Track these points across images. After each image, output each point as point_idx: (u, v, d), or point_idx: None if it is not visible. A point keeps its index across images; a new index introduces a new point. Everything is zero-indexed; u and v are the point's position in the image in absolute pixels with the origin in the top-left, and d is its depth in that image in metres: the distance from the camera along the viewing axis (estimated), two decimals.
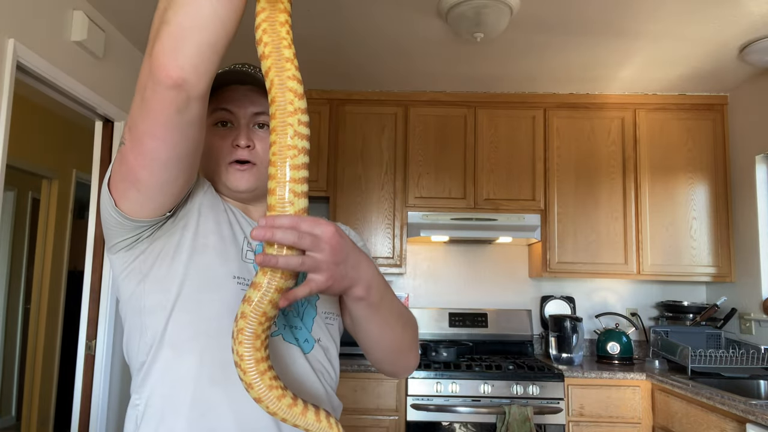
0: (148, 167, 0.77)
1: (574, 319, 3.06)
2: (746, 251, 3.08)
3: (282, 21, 0.69)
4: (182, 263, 0.89)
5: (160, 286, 0.88)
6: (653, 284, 3.46)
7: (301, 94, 0.68)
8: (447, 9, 2.33)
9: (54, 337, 4.45)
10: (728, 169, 3.23)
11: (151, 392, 0.86)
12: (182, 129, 0.74)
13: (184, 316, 0.87)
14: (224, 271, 0.89)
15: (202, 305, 0.88)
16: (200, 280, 0.89)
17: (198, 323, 0.87)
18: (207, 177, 1.00)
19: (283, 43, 0.68)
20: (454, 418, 2.70)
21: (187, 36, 0.68)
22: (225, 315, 0.87)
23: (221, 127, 0.98)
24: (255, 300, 0.69)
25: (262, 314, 0.69)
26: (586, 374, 2.78)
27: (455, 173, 3.25)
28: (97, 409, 2.58)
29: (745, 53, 2.70)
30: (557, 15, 2.43)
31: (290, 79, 0.67)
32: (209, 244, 0.90)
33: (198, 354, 0.86)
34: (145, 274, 0.89)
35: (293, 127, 0.68)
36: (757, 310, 2.97)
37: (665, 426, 2.62)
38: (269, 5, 0.70)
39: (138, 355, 0.90)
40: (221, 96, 0.99)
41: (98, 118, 2.66)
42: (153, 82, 0.69)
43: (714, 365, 2.63)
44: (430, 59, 2.92)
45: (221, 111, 0.98)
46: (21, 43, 1.95)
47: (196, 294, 0.88)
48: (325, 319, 0.99)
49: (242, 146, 0.96)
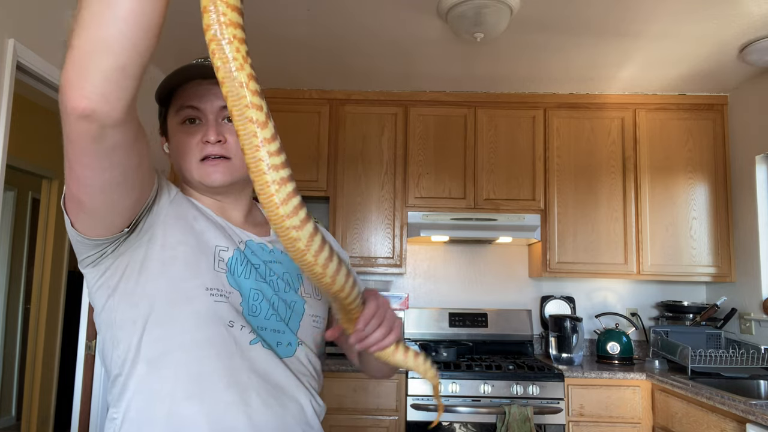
0: (86, 193, 0.75)
1: (574, 319, 3.06)
2: (746, 251, 3.08)
3: (229, 38, 0.56)
4: (151, 278, 0.86)
5: (129, 301, 0.87)
6: (653, 284, 3.46)
7: (263, 122, 0.58)
8: (447, 9, 2.33)
9: (54, 337, 4.45)
10: (728, 169, 3.23)
11: (127, 406, 0.86)
12: (107, 156, 0.70)
13: (156, 331, 0.86)
14: (196, 283, 0.87)
15: (175, 319, 0.86)
16: (171, 294, 0.86)
17: (171, 338, 0.85)
18: (181, 176, 0.98)
19: (235, 65, 0.56)
20: (454, 418, 2.70)
21: (91, 62, 0.60)
22: (199, 327, 0.86)
23: (189, 125, 0.95)
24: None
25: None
26: (586, 374, 2.78)
27: (455, 173, 3.25)
28: (97, 409, 2.58)
29: (745, 53, 2.70)
30: (557, 15, 2.43)
31: (249, 108, 0.58)
32: (178, 256, 0.88)
33: (173, 369, 0.85)
34: (114, 289, 0.88)
35: (264, 162, 0.59)
36: (757, 310, 2.97)
37: (665, 426, 2.62)
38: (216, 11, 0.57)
39: (112, 367, 0.89)
40: (185, 93, 0.96)
41: None
42: (62, 111, 0.64)
43: (714, 365, 2.63)
44: (430, 59, 2.92)
45: (187, 109, 0.95)
46: (21, 43, 1.95)
47: (167, 308, 0.86)
48: (312, 321, 0.99)
49: (212, 142, 0.93)
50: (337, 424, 2.76)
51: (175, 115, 0.96)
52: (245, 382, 0.87)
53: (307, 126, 3.29)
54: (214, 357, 0.86)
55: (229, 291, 0.89)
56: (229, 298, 0.89)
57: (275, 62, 2.97)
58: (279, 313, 0.94)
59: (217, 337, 0.86)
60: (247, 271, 0.93)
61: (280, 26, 2.57)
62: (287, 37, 2.69)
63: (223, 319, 0.87)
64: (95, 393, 2.59)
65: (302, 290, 1.00)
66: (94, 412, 2.58)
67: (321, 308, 1.02)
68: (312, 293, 1.01)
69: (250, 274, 0.93)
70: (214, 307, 0.87)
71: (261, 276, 0.94)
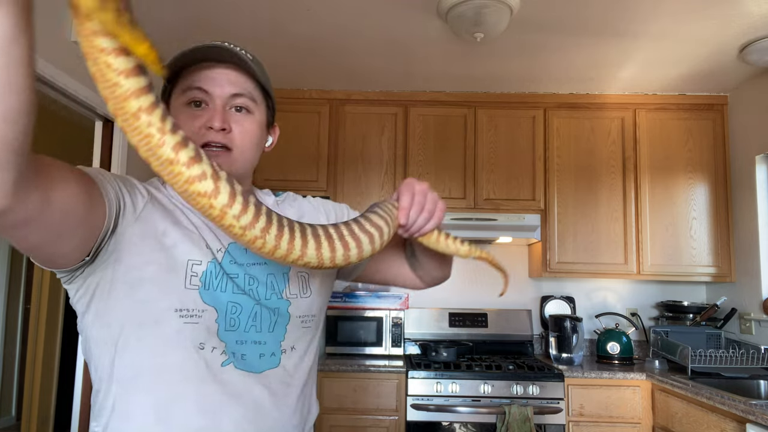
0: (23, 246, 0.71)
1: (574, 319, 3.06)
2: (746, 251, 3.08)
3: (107, 76, 0.49)
4: (119, 300, 0.84)
5: (101, 321, 0.86)
6: (653, 284, 3.46)
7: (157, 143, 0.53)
8: (447, 9, 2.32)
9: (54, 337, 4.45)
10: (728, 169, 3.23)
11: (106, 424, 0.86)
12: (13, 232, 0.64)
13: (127, 355, 0.84)
14: (164, 304, 0.84)
15: (144, 342, 0.84)
16: (139, 316, 0.84)
17: (141, 361, 0.84)
18: None
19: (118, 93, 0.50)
20: (454, 418, 2.69)
21: None
22: (168, 352, 0.84)
23: (194, 108, 0.89)
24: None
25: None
26: (586, 374, 2.77)
27: (455, 173, 3.25)
28: None
29: (744, 53, 2.70)
30: (557, 15, 2.43)
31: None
32: (145, 276, 0.83)
33: (143, 393, 0.84)
34: (87, 306, 0.86)
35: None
36: (757, 310, 2.97)
37: (665, 426, 2.62)
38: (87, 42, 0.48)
39: (93, 380, 0.90)
40: (195, 73, 0.90)
41: (98, 118, 2.65)
42: None
43: (714, 365, 2.63)
44: (430, 59, 2.92)
45: (195, 90, 0.89)
46: None
47: (137, 331, 0.84)
48: (301, 323, 0.96)
49: (216, 128, 0.87)
50: (337, 424, 2.76)
51: (181, 95, 0.90)
52: (217, 406, 0.84)
53: (307, 126, 3.29)
54: (184, 381, 0.84)
55: (201, 309, 0.86)
56: (201, 317, 0.85)
57: (275, 62, 2.97)
58: (261, 323, 0.91)
59: (187, 361, 0.84)
60: (223, 284, 0.88)
61: (280, 26, 2.57)
62: (287, 37, 2.69)
63: (193, 341, 0.85)
64: None
65: (287, 291, 0.95)
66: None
67: (310, 305, 0.98)
68: (299, 292, 0.96)
69: (226, 287, 0.89)
70: (184, 329, 0.84)
71: (239, 287, 0.90)
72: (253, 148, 0.94)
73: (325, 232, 0.72)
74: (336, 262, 0.72)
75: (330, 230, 0.73)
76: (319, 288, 1.01)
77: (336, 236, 0.73)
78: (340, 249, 0.72)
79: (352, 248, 0.74)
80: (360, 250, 0.75)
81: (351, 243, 0.74)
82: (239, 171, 0.92)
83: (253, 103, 0.93)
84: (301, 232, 0.69)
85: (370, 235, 0.77)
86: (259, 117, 0.95)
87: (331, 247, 0.71)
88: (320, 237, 0.71)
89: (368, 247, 0.76)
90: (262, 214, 0.64)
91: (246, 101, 0.92)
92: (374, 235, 0.77)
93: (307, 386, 0.98)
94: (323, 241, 0.71)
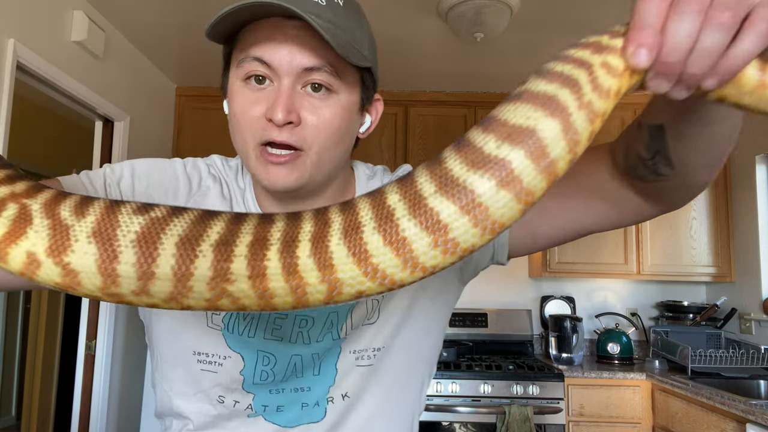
0: None
1: (574, 319, 3.06)
2: (746, 251, 3.08)
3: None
4: (153, 323, 0.73)
5: (148, 340, 0.77)
6: (653, 284, 3.46)
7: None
8: (447, 9, 2.32)
9: (54, 337, 4.45)
10: (728, 169, 3.23)
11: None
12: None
13: (164, 383, 0.75)
14: (181, 344, 0.70)
15: (171, 379, 0.73)
16: (166, 348, 0.72)
17: (170, 398, 0.74)
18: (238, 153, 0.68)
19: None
20: (454, 418, 2.69)
21: None
22: (189, 395, 0.71)
23: (255, 84, 0.63)
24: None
25: None
26: (586, 374, 2.77)
27: None
28: (97, 409, 2.58)
29: None
30: (557, 15, 2.43)
31: None
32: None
33: (175, 428, 0.75)
34: (144, 321, 0.78)
35: None
36: (757, 310, 2.97)
37: (665, 426, 2.61)
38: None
39: (156, 402, 0.80)
40: (254, 34, 0.62)
41: (98, 118, 2.65)
42: None
43: (714, 365, 2.63)
44: (430, 59, 2.92)
45: (253, 61, 0.62)
46: (21, 43, 1.95)
47: (167, 362, 0.73)
48: (356, 361, 0.72)
49: (279, 123, 0.60)
50: None
51: (237, 68, 0.64)
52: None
53: None
54: (202, 429, 0.72)
55: (223, 356, 0.69)
56: (222, 365, 0.69)
57: None
58: (303, 368, 0.71)
59: (208, 411, 0.71)
60: (251, 328, 0.69)
61: None
62: None
63: (210, 394, 0.70)
64: (95, 393, 2.59)
65: (345, 328, 0.71)
66: (94, 412, 2.58)
67: (374, 335, 0.72)
68: (361, 319, 0.71)
69: (255, 331, 0.69)
70: (200, 377, 0.70)
71: (273, 333, 0.69)
72: (336, 143, 0.66)
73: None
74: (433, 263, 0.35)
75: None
76: (394, 309, 0.73)
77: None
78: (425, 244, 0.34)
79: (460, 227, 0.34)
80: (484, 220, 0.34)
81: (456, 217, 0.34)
82: (317, 178, 0.66)
83: (335, 78, 0.63)
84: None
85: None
86: (347, 96, 0.65)
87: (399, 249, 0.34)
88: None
89: (512, 208, 0.34)
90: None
91: (326, 77, 0.63)
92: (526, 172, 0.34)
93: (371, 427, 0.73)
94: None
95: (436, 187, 0.34)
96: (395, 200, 0.35)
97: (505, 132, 0.36)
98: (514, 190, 0.34)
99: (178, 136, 3.32)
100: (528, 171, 0.34)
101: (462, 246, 0.34)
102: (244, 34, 0.64)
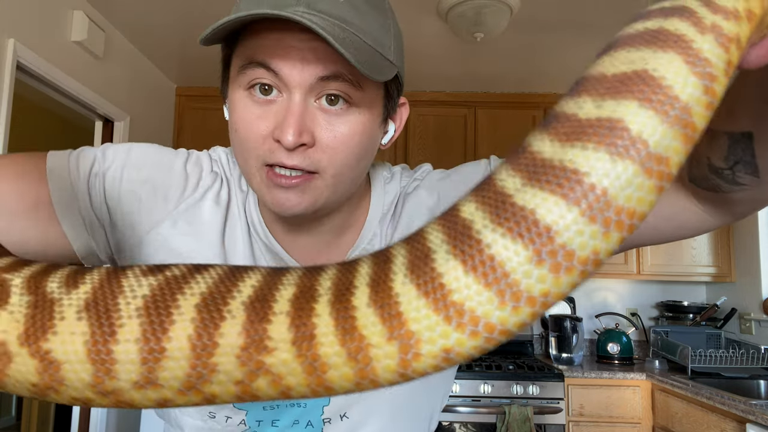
0: None
1: (574, 319, 3.06)
2: (746, 251, 3.08)
3: None
4: None
5: None
6: (653, 284, 3.46)
7: None
8: (447, 9, 2.33)
9: None
10: None
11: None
12: None
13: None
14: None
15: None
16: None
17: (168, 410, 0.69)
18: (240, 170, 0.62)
19: None
20: (454, 418, 2.69)
21: None
22: (183, 410, 0.67)
23: (260, 95, 0.53)
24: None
25: None
26: (586, 374, 2.77)
27: None
28: (97, 410, 2.58)
29: None
30: (557, 15, 2.43)
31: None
32: None
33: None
34: None
35: None
36: (757, 310, 2.97)
37: (665, 426, 2.62)
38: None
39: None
40: (259, 36, 0.52)
41: (98, 118, 2.66)
42: None
43: (714, 365, 2.63)
44: (430, 59, 2.92)
45: (257, 67, 0.52)
46: (21, 43, 1.95)
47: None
48: None
49: (289, 146, 0.51)
50: None
51: (240, 73, 0.54)
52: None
53: None
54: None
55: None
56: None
57: None
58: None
59: (200, 427, 0.67)
60: None
61: None
62: None
63: (200, 410, 0.66)
64: None
65: None
66: (94, 412, 2.58)
67: None
68: None
69: None
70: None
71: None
72: (356, 163, 0.57)
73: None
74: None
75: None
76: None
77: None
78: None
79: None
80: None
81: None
82: (333, 200, 0.58)
83: (355, 88, 0.53)
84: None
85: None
86: (368, 109, 0.56)
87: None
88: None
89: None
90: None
91: (344, 86, 0.53)
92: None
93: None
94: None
95: (523, 179, 0.24)
96: (471, 210, 0.24)
97: (603, 87, 0.26)
98: (637, 158, 0.22)
99: (178, 136, 3.32)
100: (650, 127, 0.23)
101: (579, 255, 0.22)
102: (246, 33, 0.54)
